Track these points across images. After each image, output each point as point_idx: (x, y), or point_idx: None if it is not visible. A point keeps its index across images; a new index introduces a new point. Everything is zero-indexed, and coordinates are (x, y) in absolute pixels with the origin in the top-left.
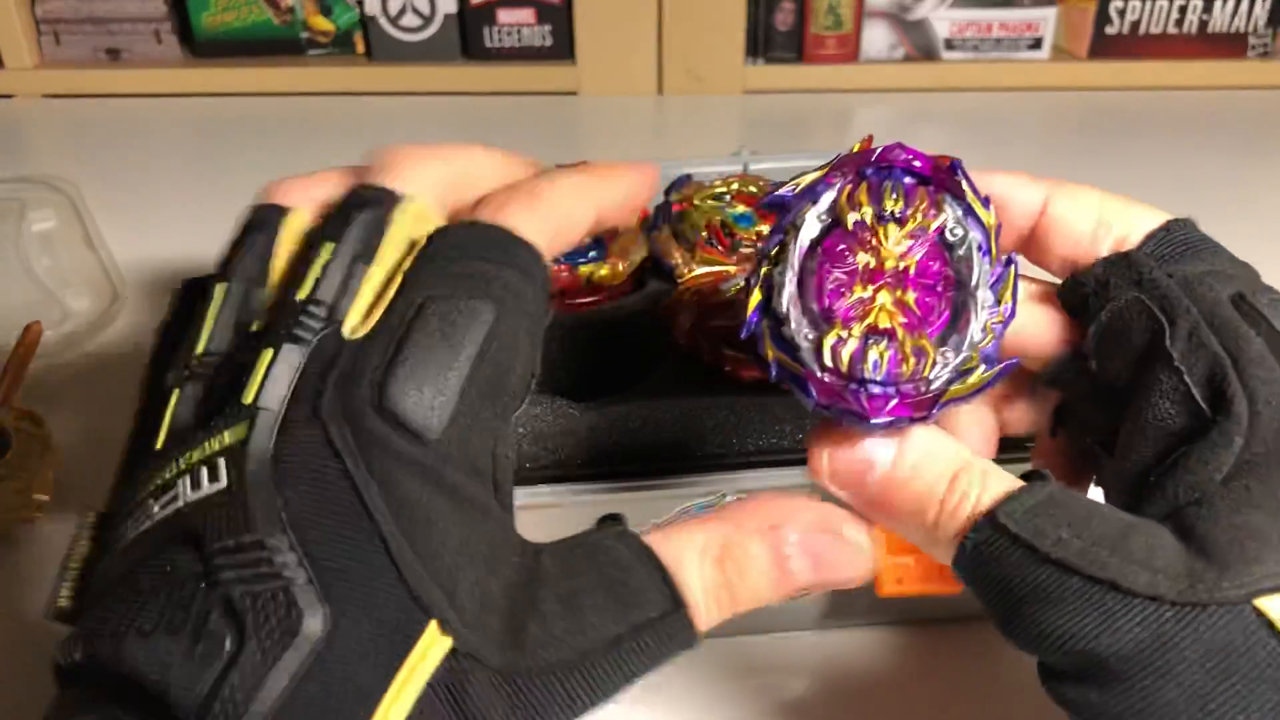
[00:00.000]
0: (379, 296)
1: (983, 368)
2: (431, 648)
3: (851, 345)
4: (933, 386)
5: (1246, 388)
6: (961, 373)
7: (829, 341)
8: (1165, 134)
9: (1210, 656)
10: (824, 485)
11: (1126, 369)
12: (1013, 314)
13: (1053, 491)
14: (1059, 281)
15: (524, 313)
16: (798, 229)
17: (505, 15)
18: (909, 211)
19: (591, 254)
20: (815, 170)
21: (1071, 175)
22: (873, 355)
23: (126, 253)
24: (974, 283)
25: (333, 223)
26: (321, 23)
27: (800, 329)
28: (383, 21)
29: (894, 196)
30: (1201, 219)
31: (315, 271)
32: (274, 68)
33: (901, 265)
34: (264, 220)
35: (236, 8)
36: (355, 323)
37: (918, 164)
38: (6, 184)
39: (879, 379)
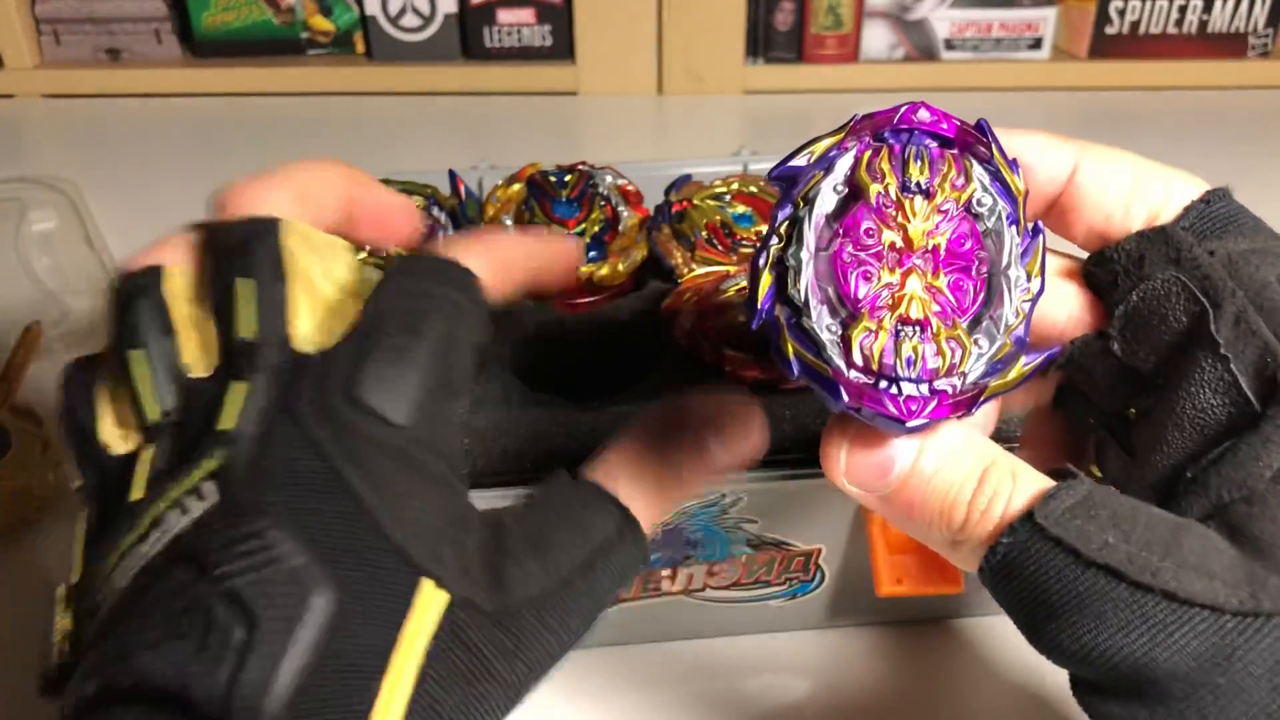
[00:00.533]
0: (311, 309)
1: (1023, 360)
2: (430, 603)
3: (883, 340)
4: (969, 379)
5: None
6: (997, 363)
7: (858, 337)
8: (1165, 134)
9: (1278, 671)
10: (839, 485)
11: (1155, 353)
12: (1041, 290)
13: (1091, 490)
14: (1080, 254)
15: (467, 325)
16: (810, 202)
17: (505, 15)
18: (936, 182)
19: (591, 254)
20: (829, 135)
21: None
22: (906, 351)
23: (126, 253)
24: (1005, 260)
25: (235, 261)
26: (321, 23)
27: (822, 320)
28: (383, 21)
29: (919, 164)
30: None
31: (250, 309)
32: (274, 68)
33: (930, 244)
34: (143, 284)
35: (236, 8)
36: (305, 335)
37: (945, 127)
38: (6, 184)
39: (912, 376)
